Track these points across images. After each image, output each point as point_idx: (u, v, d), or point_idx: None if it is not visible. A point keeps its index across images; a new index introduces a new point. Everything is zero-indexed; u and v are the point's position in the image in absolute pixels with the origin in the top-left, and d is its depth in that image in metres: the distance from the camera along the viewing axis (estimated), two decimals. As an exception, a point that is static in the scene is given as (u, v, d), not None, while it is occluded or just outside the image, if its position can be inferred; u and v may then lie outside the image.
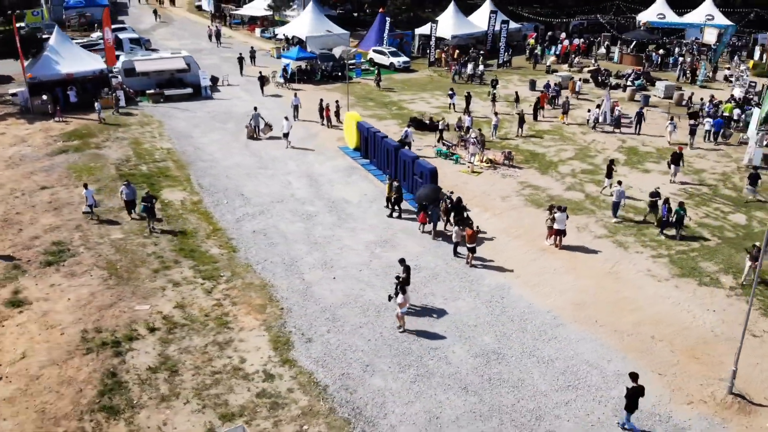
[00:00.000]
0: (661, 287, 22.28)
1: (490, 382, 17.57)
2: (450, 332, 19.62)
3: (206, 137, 36.29)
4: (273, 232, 25.55)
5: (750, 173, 28.77)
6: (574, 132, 38.27)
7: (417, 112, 41.08)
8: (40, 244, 24.52)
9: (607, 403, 16.90)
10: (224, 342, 19.13)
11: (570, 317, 20.36)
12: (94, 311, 20.57)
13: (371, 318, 20.15)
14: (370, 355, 18.54)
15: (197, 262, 23.39)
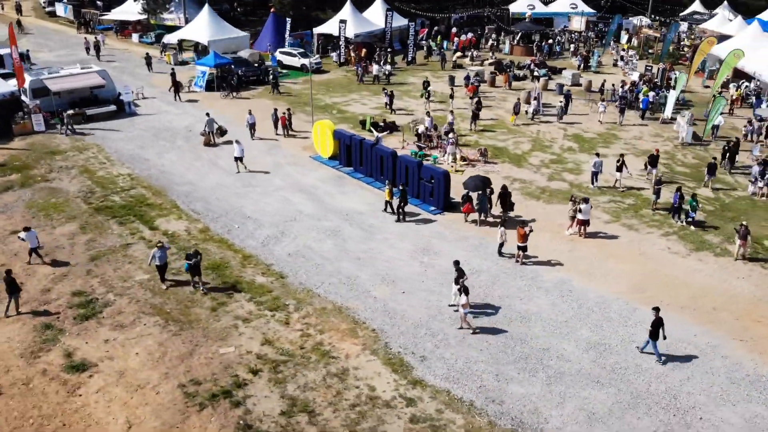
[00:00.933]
0: (689, 262, 24.67)
1: (614, 372, 18.67)
2: (548, 331, 20.44)
3: (163, 158, 33.87)
4: (309, 253, 24.76)
5: (708, 163, 31.56)
6: (517, 124, 40.22)
7: (360, 115, 41.09)
8: (58, 297, 21.93)
9: (719, 373, 18.63)
10: (340, 372, 18.53)
11: (638, 301, 22.00)
12: (176, 362, 18.93)
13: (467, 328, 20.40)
14: (492, 364, 18.88)
15: (251, 294, 22.19)
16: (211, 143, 35.73)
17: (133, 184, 30.63)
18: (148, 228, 26.52)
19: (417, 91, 46.27)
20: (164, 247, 22.17)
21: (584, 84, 48.21)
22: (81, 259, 24.16)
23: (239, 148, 31.63)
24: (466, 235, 26.22)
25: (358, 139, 31.93)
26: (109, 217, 27.30)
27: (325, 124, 33.75)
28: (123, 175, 31.63)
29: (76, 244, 25.21)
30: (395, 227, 26.85)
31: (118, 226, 26.60)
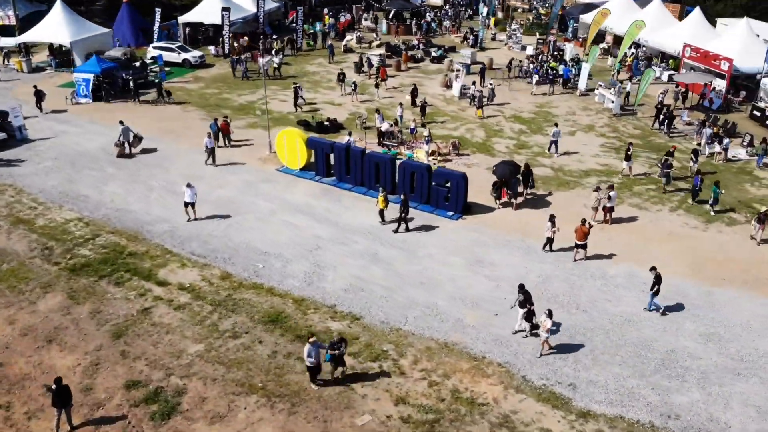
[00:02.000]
0: (713, 235, 26.09)
1: (744, 360, 19.17)
2: (658, 330, 20.45)
3: (105, 192, 28.71)
4: (365, 285, 22.47)
5: (664, 159, 30.44)
6: (455, 111, 39.66)
7: (290, 114, 38.43)
8: (110, 395, 17.72)
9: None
10: (503, 421, 17.04)
11: (705, 281, 22.78)
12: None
13: (596, 343, 19.79)
14: (640, 378, 18.49)
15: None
16: (125, 154, 31.73)
17: (95, 231, 25.54)
18: (155, 284, 22.25)
19: (327, 82, 43.87)
20: (317, 343, 17.73)
21: (487, 62, 48.67)
22: (101, 339, 19.68)
23: (191, 193, 25.75)
24: (507, 239, 25.36)
25: (342, 146, 29.36)
26: (95, 278, 22.51)
27: (293, 133, 30.65)
28: (73, 221, 26.24)
29: (80, 320, 20.52)
30: (430, 240, 25.19)
31: (116, 288, 22.06)
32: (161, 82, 41.18)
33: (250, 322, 20.42)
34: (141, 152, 32.14)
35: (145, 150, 32.32)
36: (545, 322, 18.61)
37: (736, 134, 35.50)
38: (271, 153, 32.47)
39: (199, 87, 43.29)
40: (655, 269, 20.71)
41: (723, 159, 32.64)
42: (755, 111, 38.27)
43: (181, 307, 21.02)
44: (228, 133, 33.73)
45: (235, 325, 20.22)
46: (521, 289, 19.72)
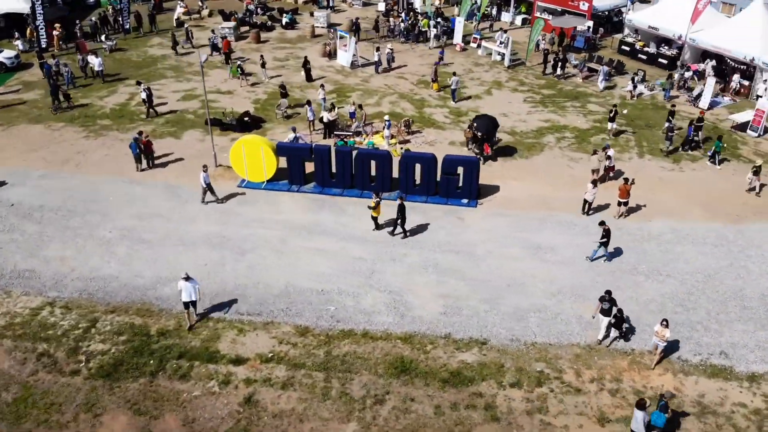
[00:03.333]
0: (708, 174, 28.25)
1: None
2: (736, 277, 21.98)
3: (49, 257, 22.48)
4: (458, 303, 20.83)
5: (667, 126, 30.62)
6: (361, 83, 37.67)
7: (182, 112, 33.39)
8: None
9: None
10: (703, 409, 17.35)
11: (726, 220, 24.88)
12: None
13: (704, 305, 20.62)
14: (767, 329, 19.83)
15: (490, 378, 18.16)
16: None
17: (86, 316, 20.06)
18: (229, 364, 18.30)
19: (188, 66, 38.66)
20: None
21: (347, 24, 46.63)
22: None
23: (191, 288, 19.02)
24: (539, 218, 25.11)
25: (325, 149, 26.29)
26: (146, 378, 17.90)
27: (254, 141, 26.64)
28: (43, 308, 20.29)
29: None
30: (469, 235, 23.98)
31: (185, 383, 17.78)
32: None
33: (381, 380, 17.76)
34: (45, 196, 25.49)
35: (47, 191, 25.81)
36: (663, 332, 17.94)
37: (623, 71, 38.46)
38: (217, 167, 27.85)
39: (40, 95, 35.22)
40: (604, 223, 21.75)
41: (634, 96, 35.25)
42: (623, 46, 41.70)
43: (287, 384, 17.54)
44: (152, 152, 28.18)
45: (366, 387, 17.43)
46: (608, 296, 18.74)
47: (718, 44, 36.25)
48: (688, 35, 37.72)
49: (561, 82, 37.93)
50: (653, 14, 40.13)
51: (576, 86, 37.46)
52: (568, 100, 35.28)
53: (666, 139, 29.84)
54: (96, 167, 27.77)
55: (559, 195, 26.30)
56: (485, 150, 28.35)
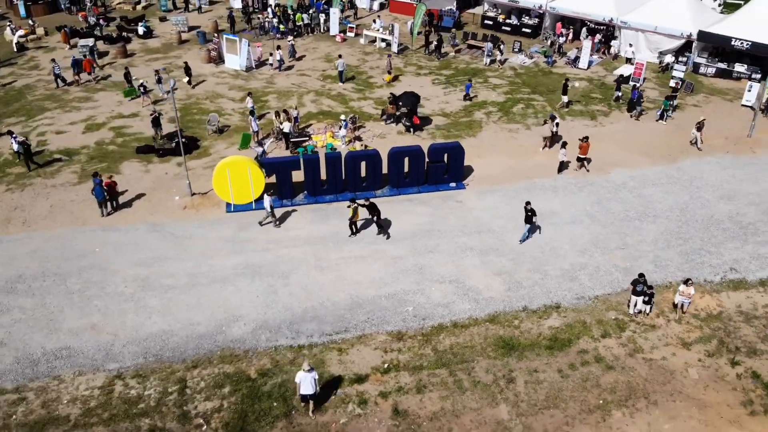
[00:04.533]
0: (626, 126, 32.60)
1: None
2: (719, 199, 26.55)
3: (79, 329, 20.17)
4: (517, 280, 22.72)
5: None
6: (269, 86, 37.30)
7: (117, 144, 31.03)
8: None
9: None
10: None
11: (671, 159, 29.56)
12: None
13: (717, 237, 24.48)
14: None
15: (576, 336, 20.65)
16: None
17: (170, 377, 18.68)
18: (352, 384, 18.48)
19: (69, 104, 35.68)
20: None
21: (212, 26, 45.43)
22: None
23: (312, 379, 16.79)
24: (526, 187, 27.31)
25: (315, 157, 26.42)
26: (278, 420, 17.62)
27: (238, 161, 25.75)
28: (117, 382, 18.65)
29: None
30: (479, 217, 25.58)
31: (321, 415, 17.81)
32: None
33: (497, 361, 19.18)
34: (15, 264, 22.91)
35: (13, 258, 23.06)
36: (688, 290, 19.84)
37: (498, 44, 42.26)
38: (192, 196, 26.55)
39: None
40: (529, 204, 23.22)
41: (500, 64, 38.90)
42: (485, 20, 45.56)
43: (420, 387, 18.23)
44: (117, 194, 26.05)
45: (490, 371, 18.76)
46: (642, 278, 20.07)
47: (577, 9, 41.19)
48: (548, 4, 42.17)
49: (453, 60, 40.53)
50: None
51: (467, 64, 40.29)
52: (469, 77, 37.92)
53: (631, 109, 33.21)
54: (49, 221, 24.91)
55: (524, 164, 28.89)
56: (414, 121, 30.70)
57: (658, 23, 38.49)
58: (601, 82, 37.24)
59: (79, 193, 26.65)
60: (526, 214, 23.16)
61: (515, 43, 41.39)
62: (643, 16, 39.11)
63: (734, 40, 35.96)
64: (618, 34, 39.96)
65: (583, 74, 38.74)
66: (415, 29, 41.85)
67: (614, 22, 39.99)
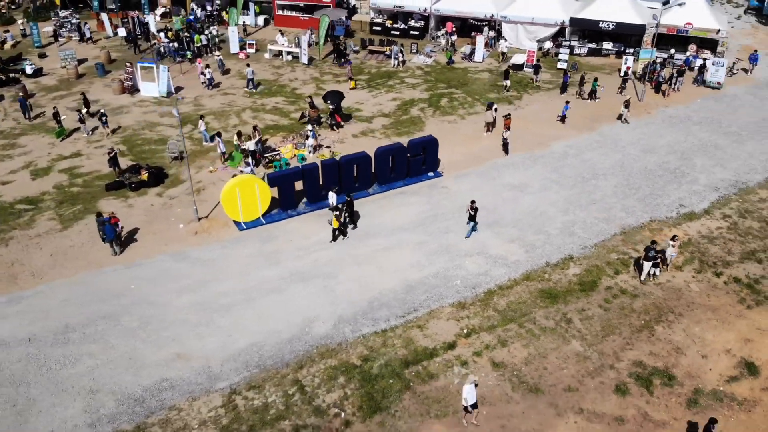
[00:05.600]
0: (541, 104, 37.71)
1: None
2: (638, 154, 32.23)
3: (167, 350, 20.45)
4: (529, 243, 26.44)
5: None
6: (197, 108, 37.67)
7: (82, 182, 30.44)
8: (632, 407, 19.99)
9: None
10: None
11: (584, 129, 35.11)
12: None
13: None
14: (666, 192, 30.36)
15: (597, 277, 24.96)
16: None
17: (281, 383, 19.75)
18: (447, 351, 20.93)
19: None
20: None
21: (105, 57, 44.66)
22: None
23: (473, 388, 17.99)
24: (491, 167, 31.02)
25: (313, 167, 28.30)
26: (403, 393, 19.94)
27: (246, 180, 26.85)
28: (236, 397, 19.62)
29: None
30: (469, 197, 28.33)
31: (435, 381, 20.36)
32: None
33: (550, 308, 22.58)
34: (53, 316, 22.32)
35: (43, 312, 22.45)
36: (676, 244, 23.56)
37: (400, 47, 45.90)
38: (201, 219, 27.27)
39: None
40: (474, 202, 24.92)
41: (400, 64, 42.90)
42: (374, 27, 49.08)
43: (503, 342, 21.29)
44: (120, 231, 26.10)
45: (549, 317, 22.03)
46: (653, 245, 22.87)
47: (460, 9, 45.96)
48: (432, 6, 46.55)
49: (366, 65, 43.42)
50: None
51: (378, 68, 43.41)
52: (386, 80, 41.10)
53: (564, 91, 38.19)
54: (60, 270, 24.34)
55: (477, 149, 32.67)
56: (337, 119, 33.48)
57: (534, 15, 44.10)
58: (500, 71, 42.08)
59: (73, 238, 25.98)
60: (471, 212, 24.79)
61: (412, 45, 45.07)
62: (520, 9, 44.61)
63: (601, 22, 42.35)
64: (503, 28, 45.15)
65: (481, 66, 43.35)
66: (321, 40, 44.01)
67: (495, 17, 45.04)
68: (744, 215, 27.31)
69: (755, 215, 27.30)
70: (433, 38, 47.06)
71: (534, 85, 39.04)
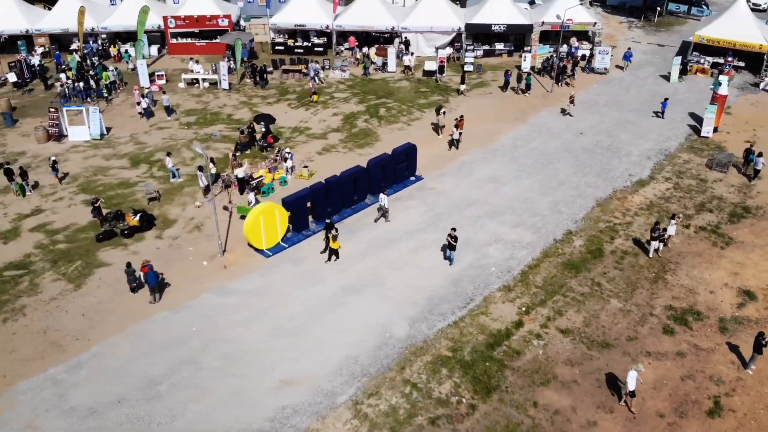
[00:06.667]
0: (474, 101, 41.51)
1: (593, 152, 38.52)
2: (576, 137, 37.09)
3: (275, 371, 20.96)
4: (531, 225, 29.85)
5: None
6: (138, 147, 36.65)
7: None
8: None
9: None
10: None
11: (516, 120, 39.56)
12: None
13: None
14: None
15: (601, 244, 29.10)
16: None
17: (394, 383, 21.50)
18: (512, 329, 23.98)
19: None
20: None
21: (4, 104, 41.98)
22: (614, 352, 23.31)
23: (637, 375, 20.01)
24: (460, 166, 33.93)
25: (320, 187, 29.60)
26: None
27: (267, 208, 27.36)
28: (349, 425, 21.13)
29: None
30: (459, 194, 31.06)
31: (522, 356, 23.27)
32: None
33: (579, 276, 26.12)
34: (132, 370, 21.89)
35: (114, 370, 21.98)
36: (677, 224, 27.17)
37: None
38: (224, 254, 27.54)
39: None
40: (455, 230, 25.39)
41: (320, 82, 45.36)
42: (276, 47, 50.13)
43: (557, 312, 24.58)
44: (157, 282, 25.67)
45: (582, 283, 25.45)
46: (657, 225, 26.07)
47: (361, 23, 48.52)
48: (333, 23, 48.71)
49: (287, 85, 44.47)
50: (293, 15, 49.13)
51: (301, 86, 44.63)
52: (309, 96, 42.48)
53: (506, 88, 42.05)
54: (103, 328, 23.40)
55: (437, 151, 35.40)
56: (269, 140, 34.75)
57: (432, 24, 47.83)
58: (418, 78, 45.26)
59: (96, 295, 25.05)
60: (451, 241, 25.21)
61: (325, 61, 46.83)
62: (418, 20, 48.03)
63: (494, 25, 47.07)
64: (413, 37, 48.28)
65: (397, 76, 46.20)
66: (237, 65, 44.28)
67: (396, 29, 48.15)
68: (680, 176, 32.71)
69: (688, 174, 32.82)
70: (338, 53, 48.93)
71: (446, 87, 42.56)
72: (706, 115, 35.98)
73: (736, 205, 30.21)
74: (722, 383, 20.99)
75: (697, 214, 29.65)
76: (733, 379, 21.17)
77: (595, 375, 21.28)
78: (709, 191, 31.40)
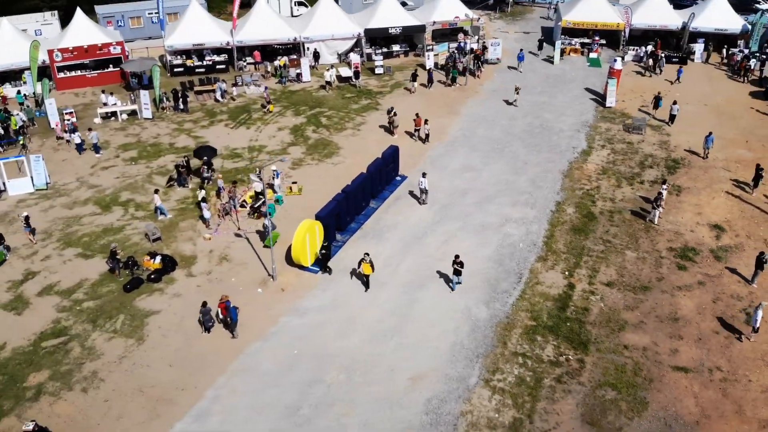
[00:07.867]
0: (419, 95, 44.35)
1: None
2: (555, 122, 41.65)
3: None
4: (529, 202, 33.88)
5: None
6: (101, 180, 34.69)
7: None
8: (696, 274, 29.47)
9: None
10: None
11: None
12: None
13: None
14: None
15: (592, 211, 33.81)
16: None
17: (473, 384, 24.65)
18: (567, 290, 27.81)
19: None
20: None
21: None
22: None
23: None
24: (433, 161, 36.80)
25: (342, 196, 30.87)
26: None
27: (310, 224, 28.01)
28: (495, 413, 23.61)
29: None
30: (450, 186, 33.49)
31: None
32: None
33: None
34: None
35: (253, 408, 22.17)
36: (664, 195, 32.32)
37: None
38: (275, 279, 28.01)
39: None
40: (458, 257, 25.51)
41: (234, 98, 46.05)
42: (175, 69, 49.03)
43: (594, 267, 28.76)
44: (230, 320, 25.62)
45: (593, 244, 30.25)
46: (659, 196, 30.07)
47: (263, 37, 49.02)
48: (234, 39, 48.75)
49: (209, 106, 43.88)
50: (189, 35, 48.17)
51: (236, 106, 44.12)
52: (248, 113, 42.74)
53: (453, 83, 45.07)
54: (198, 373, 22.89)
55: (402, 148, 38.05)
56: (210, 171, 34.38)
57: (333, 32, 49.73)
58: (336, 86, 46.92)
59: (168, 344, 24.38)
60: (457, 267, 25.48)
61: (237, 78, 46.74)
62: (319, 29, 49.57)
63: (390, 28, 50.17)
64: (321, 46, 49.57)
65: (316, 85, 47.47)
66: (157, 91, 42.81)
67: (298, 40, 49.37)
68: (611, 142, 38.37)
69: (616, 139, 38.61)
70: (240, 69, 48.91)
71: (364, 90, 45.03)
72: (609, 87, 42.07)
73: (666, 159, 36.24)
74: (742, 298, 26.11)
75: (642, 171, 35.17)
76: (747, 294, 26.40)
77: (652, 313, 25.31)
78: (640, 151, 37.20)
